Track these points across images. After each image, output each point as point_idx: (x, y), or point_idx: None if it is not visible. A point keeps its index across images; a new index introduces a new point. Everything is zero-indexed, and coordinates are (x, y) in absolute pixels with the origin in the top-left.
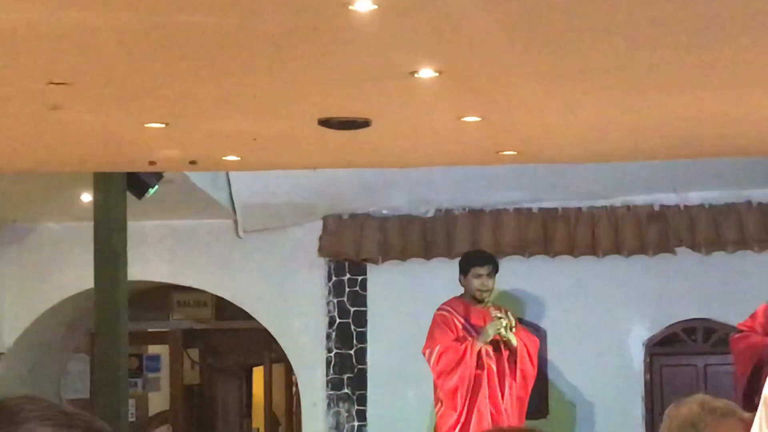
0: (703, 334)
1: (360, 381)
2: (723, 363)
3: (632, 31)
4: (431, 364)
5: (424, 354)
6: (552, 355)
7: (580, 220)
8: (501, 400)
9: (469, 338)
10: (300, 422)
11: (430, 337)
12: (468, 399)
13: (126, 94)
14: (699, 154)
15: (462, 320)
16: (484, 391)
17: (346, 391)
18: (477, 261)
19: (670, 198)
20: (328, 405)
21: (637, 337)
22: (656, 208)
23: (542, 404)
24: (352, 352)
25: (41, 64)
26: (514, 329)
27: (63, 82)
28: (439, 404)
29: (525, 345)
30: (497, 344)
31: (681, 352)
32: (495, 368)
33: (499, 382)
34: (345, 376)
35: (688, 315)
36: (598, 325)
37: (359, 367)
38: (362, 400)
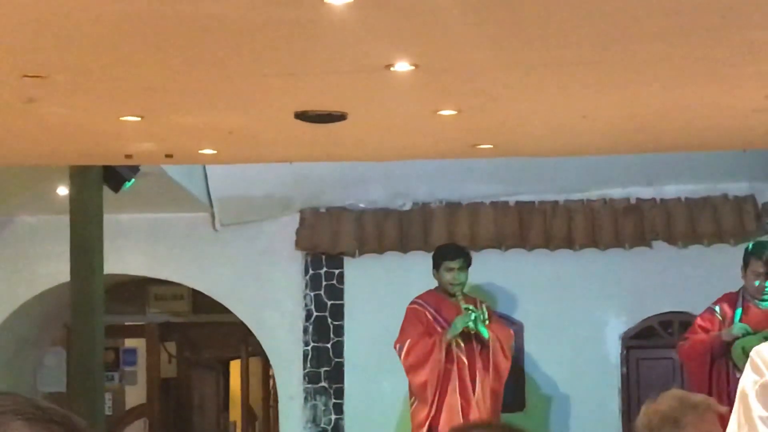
0: (679, 327)
1: (337, 374)
2: None
3: (607, 25)
4: (401, 358)
5: (395, 348)
6: (528, 348)
7: (557, 214)
8: (472, 394)
9: (439, 332)
10: (277, 416)
11: (402, 331)
12: (438, 392)
13: (101, 87)
14: (674, 148)
15: (434, 313)
16: (454, 384)
17: (323, 384)
18: (448, 255)
19: (646, 191)
20: (305, 398)
21: (614, 330)
22: (632, 202)
23: (519, 397)
24: (329, 345)
25: (15, 56)
26: (487, 322)
27: (37, 75)
28: (413, 398)
29: (498, 338)
30: (469, 337)
31: (657, 345)
32: (466, 361)
33: (470, 375)
34: (322, 370)
35: (664, 308)
36: (574, 318)
37: (336, 360)
38: (339, 394)
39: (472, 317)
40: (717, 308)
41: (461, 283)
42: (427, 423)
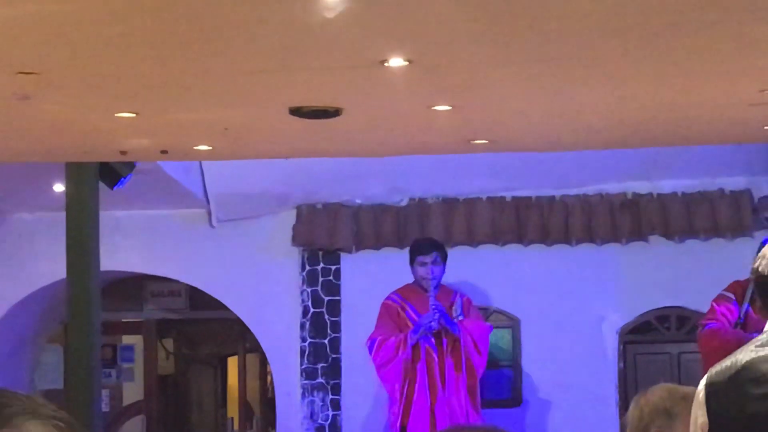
0: (676, 322)
1: (334, 370)
2: (696, 351)
3: (601, 19)
4: (371, 355)
5: (367, 345)
6: (525, 343)
7: (554, 209)
8: (442, 391)
9: (410, 328)
10: (274, 412)
11: (375, 327)
12: (406, 390)
13: (96, 84)
14: (669, 143)
15: (408, 308)
16: (423, 381)
17: (320, 380)
18: (420, 250)
19: (642, 186)
20: (303, 394)
21: (611, 325)
22: (629, 196)
23: (516, 392)
24: (326, 341)
25: (9, 53)
26: (461, 317)
27: (32, 71)
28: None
29: (470, 333)
30: (439, 334)
31: (654, 340)
32: (436, 358)
33: (439, 372)
34: (319, 366)
35: (661, 303)
36: (571, 313)
37: (333, 356)
38: (336, 390)
39: (436, 316)
40: (732, 295)
41: (435, 278)
42: (399, 421)
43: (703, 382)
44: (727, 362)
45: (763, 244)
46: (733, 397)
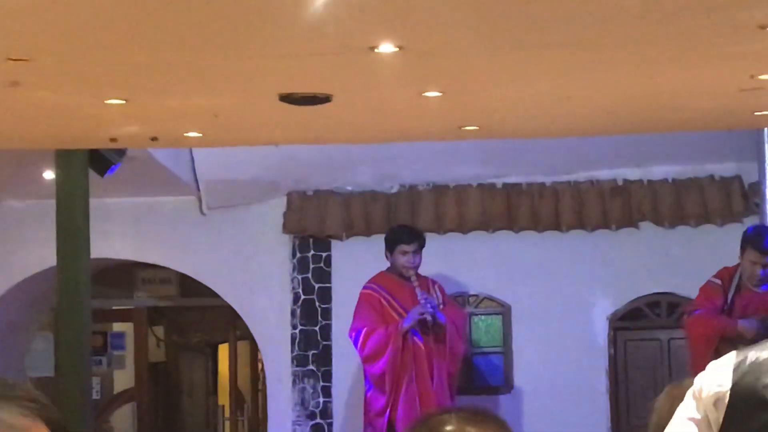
0: (666, 309)
1: (325, 357)
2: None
3: (591, 5)
4: (357, 347)
5: (350, 337)
6: (516, 330)
7: (544, 195)
8: (430, 381)
9: (395, 318)
10: (265, 399)
11: (356, 317)
12: (396, 382)
13: (85, 70)
14: (659, 129)
15: (388, 298)
16: (411, 373)
17: (311, 367)
18: (403, 238)
19: (633, 173)
20: (294, 381)
21: (601, 311)
22: (619, 183)
23: (507, 379)
24: (317, 328)
25: None
26: (441, 305)
27: (21, 58)
28: (369, 385)
29: (453, 321)
30: (425, 323)
31: (645, 326)
32: (423, 348)
33: (428, 362)
34: (310, 353)
35: (651, 289)
36: (562, 299)
37: (324, 343)
38: (327, 377)
39: (428, 307)
40: (719, 282)
41: (416, 266)
42: (387, 412)
43: (717, 377)
44: (752, 358)
45: (747, 233)
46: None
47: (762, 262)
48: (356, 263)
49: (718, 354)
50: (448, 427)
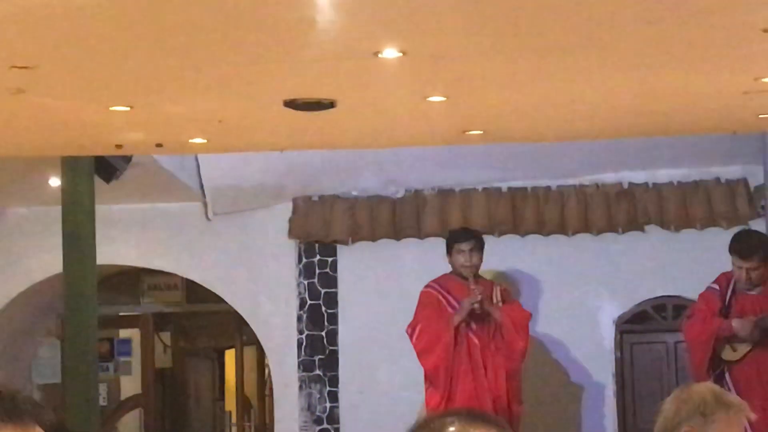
0: (672, 312)
1: (331, 362)
2: None
3: (595, 10)
4: (412, 342)
5: (407, 333)
6: None
7: (550, 199)
8: (485, 376)
9: (450, 314)
10: (272, 404)
11: (415, 315)
12: (450, 376)
13: (90, 78)
14: (664, 132)
15: (446, 296)
16: (466, 367)
17: (317, 372)
18: (458, 238)
19: (638, 176)
20: (300, 387)
21: (608, 314)
22: (625, 186)
23: None
24: (323, 333)
25: (3, 47)
26: (500, 303)
27: (26, 65)
28: (428, 383)
29: (511, 317)
30: (481, 318)
31: (651, 329)
32: (478, 343)
33: (482, 357)
34: (316, 358)
35: (657, 292)
36: (568, 303)
37: (330, 348)
38: (334, 382)
39: (478, 298)
40: (717, 287)
41: (473, 266)
42: (442, 406)
43: None
44: None
45: (732, 239)
46: None
47: (745, 266)
48: (362, 268)
49: (716, 355)
50: (451, 429)
